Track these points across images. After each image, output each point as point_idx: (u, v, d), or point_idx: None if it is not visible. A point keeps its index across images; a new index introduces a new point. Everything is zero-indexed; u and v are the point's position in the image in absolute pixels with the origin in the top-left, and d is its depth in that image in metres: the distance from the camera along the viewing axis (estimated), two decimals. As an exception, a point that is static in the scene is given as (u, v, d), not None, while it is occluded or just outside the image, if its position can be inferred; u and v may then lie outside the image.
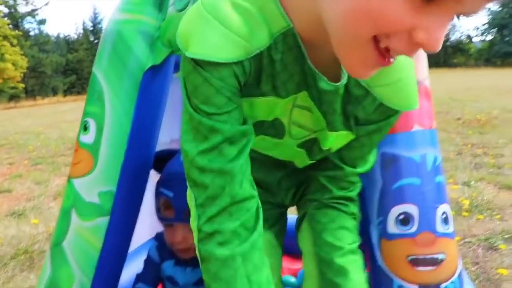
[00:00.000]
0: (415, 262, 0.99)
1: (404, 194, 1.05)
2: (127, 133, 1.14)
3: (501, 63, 35.72)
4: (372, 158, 0.99)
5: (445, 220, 1.00)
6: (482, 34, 42.58)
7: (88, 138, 1.16)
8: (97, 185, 1.16)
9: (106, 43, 1.17)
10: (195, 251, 1.21)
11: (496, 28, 39.44)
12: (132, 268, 1.78)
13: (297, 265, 2.22)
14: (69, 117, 12.51)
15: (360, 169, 0.98)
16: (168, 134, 2.01)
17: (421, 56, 1.03)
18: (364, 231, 1.12)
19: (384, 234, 1.09)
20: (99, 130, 1.14)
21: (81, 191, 1.17)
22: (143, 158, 1.21)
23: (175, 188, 1.17)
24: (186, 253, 1.26)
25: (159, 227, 1.96)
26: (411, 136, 1.00)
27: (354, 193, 1.02)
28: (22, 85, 26.56)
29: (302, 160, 0.97)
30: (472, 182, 3.40)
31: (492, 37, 40.11)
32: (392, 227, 1.07)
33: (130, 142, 1.15)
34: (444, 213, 1.00)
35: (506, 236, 2.32)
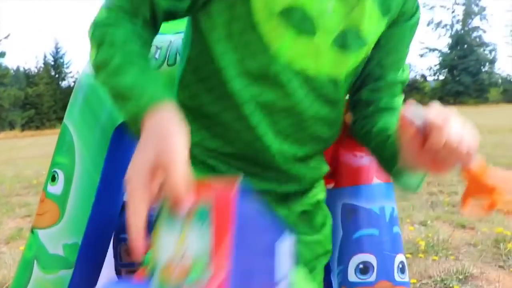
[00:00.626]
0: (375, 310, 1.03)
1: (363, 244, 1.10)
2: (95, 186, 1.15)
3: (453, 101, 37.50)
4: (406, 69, 0.93)
5: (402, 270, 1.05)
6: (434, 74, 44.75)
7: (56, 189, 1.17)
8: (63, 237, 1.15)
9: (78, 95, 1.19)
10: None
11: (447, 69, 41.57)
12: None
13: None
14: (26, 154, 12.12)
15: (400, 77, 0.91)
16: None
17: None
18: (325, 280, 1.16)
19: (345, 283, 1.12)
20: (68, 182, 1.15)
21: (45, 243, 1.16)
22: (110, 211, 1.22)
23: None
24: None
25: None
26: (371, 189, 1.06)
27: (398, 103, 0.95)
28: (-25, 118, 25.70)
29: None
30: (429, 222, 3.51)
31: (443, 77, 42.17)
32: (352, 276, 1.11)
33: (98, 195, 1.16)
34: (401, 262, 1.05)
35: (460, 277, 2.40)
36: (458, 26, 41.77)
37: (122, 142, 1.16)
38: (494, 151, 7.35)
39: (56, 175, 1.18)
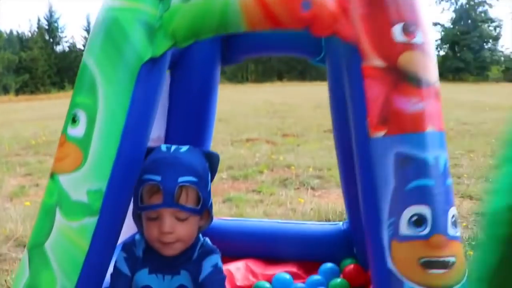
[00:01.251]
0: (428, 264, 0.97)
1: (417, 195, 1.03)
2: (120, 127, 1.07)
3: (452, 77, 37.24)
4: None
5: (455, 223, 0.99)
6: (435, 49, 44.10)
7: (78, 131, 1.09)
8: (86, 182, 1.08)
9: (100, 30, 1.10)
10: (181, 245, 1.18)
11: (448, 44, 41.05)
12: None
13: (271, 271, 2.20)
14: (22, 117, 11.97)
15: None
16: (156, 131, 1.93)
17: (432, 57, 1.02)
18: (373, 231, 1.09)
19: (396, 236, 1.05)
20: (91, 123, 1.07)
21: (67, 189, 1.08)
22: (135, 155, 1.14)
23: (162, 171, 1.13)
24: (170, 248, 1.18)
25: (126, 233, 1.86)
26: (425, 137, 0.99)
27: None
28: (-30, 82, 25.30)
29: None
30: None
31: (444, 53, 41.73)
32: (405, 229, 1.04)
33: (123, 137, 1.08)
34: (453, 216, 0.99)
35: (473, 243, 2.37)
36: (463, 0, 41.00)
37: (150, 79, 1.08)
38: (496, 127, 7.33)
39: (77, 117, 1.10)
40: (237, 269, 2.12)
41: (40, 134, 7.37)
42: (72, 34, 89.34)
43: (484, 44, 40.71)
